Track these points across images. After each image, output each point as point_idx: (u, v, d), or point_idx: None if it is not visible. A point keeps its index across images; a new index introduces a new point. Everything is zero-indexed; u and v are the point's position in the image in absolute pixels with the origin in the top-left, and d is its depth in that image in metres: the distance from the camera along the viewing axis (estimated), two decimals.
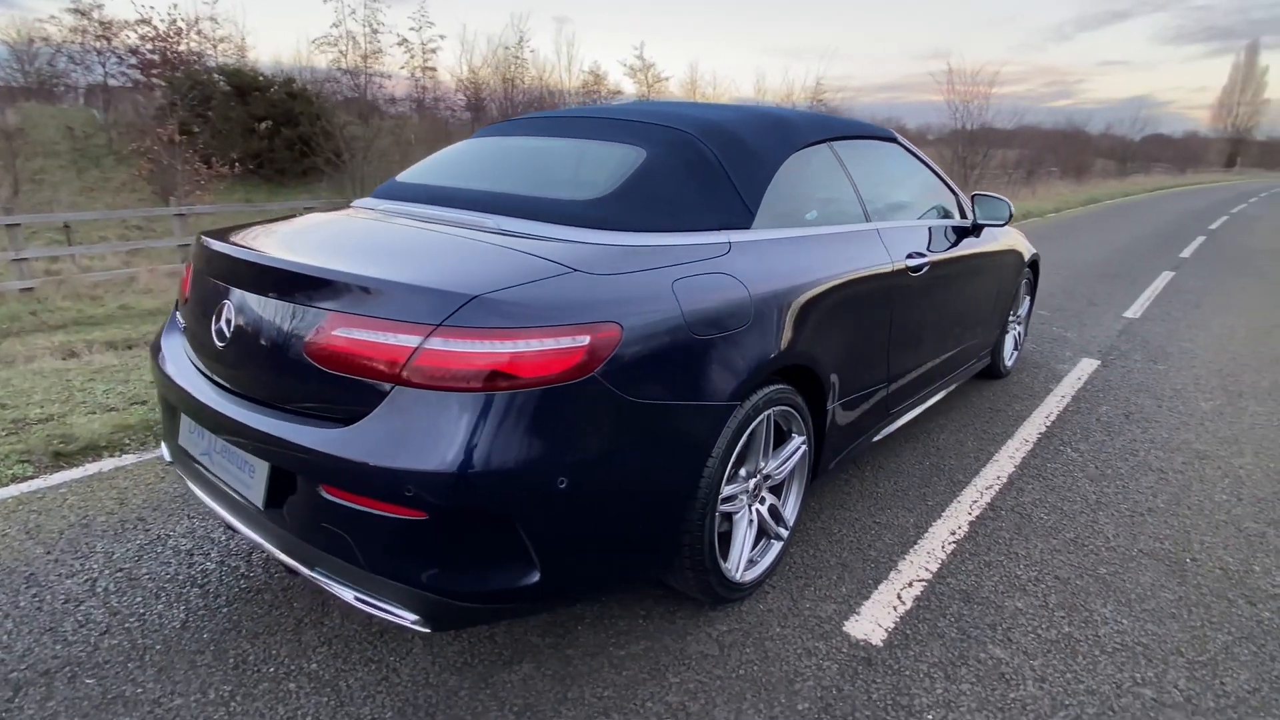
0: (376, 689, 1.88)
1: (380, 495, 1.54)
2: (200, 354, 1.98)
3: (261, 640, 2.04)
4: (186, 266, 2.17)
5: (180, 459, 2.11)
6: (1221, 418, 4.03)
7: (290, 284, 1.70)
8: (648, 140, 2.27)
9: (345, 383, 1.60)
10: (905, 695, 1.92)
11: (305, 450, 1.60)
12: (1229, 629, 2.23)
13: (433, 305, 1.55)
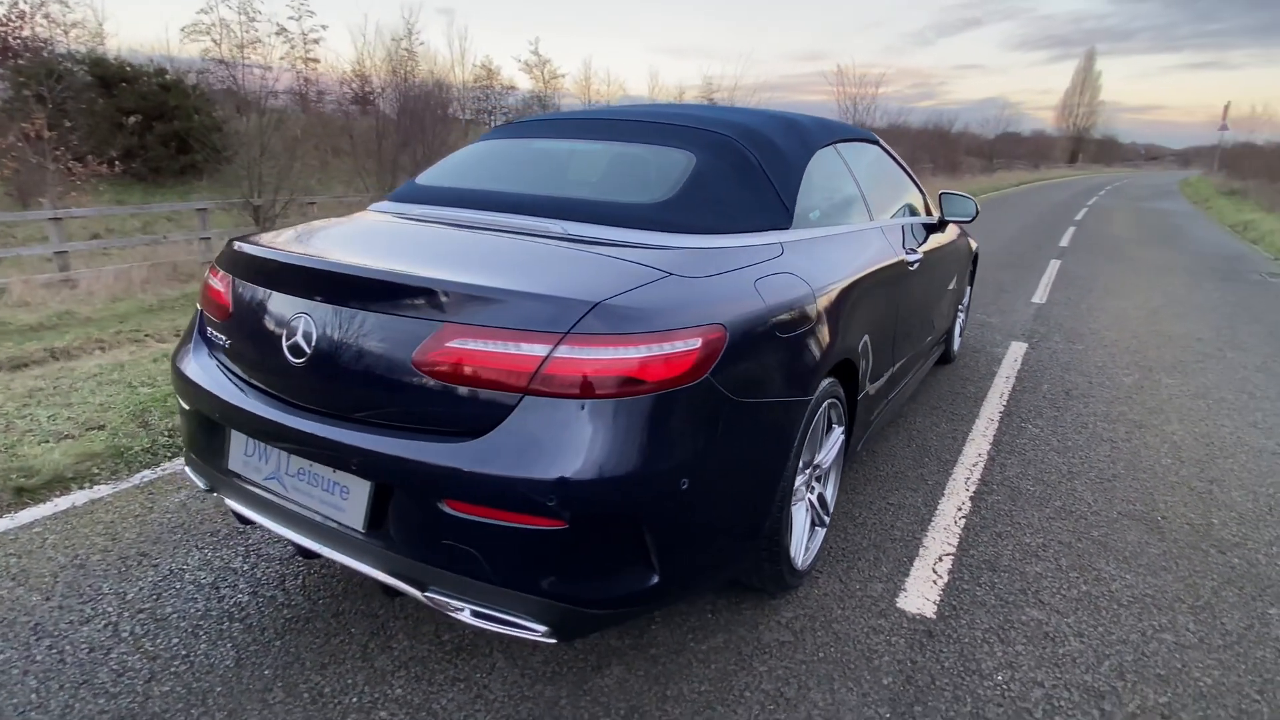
0: (473, 707, 1.83)
1: (517, 507, 1.50)
2: (260, 371, 1.84)
3: (332, 671, 1.94)
4: (219, 279, 2.00)
5: (227, 484, 1.96)
6: (1143, 391, 4.51)
7: (393, 295, 1.62)
8: (692, 144, 2.31)
9: (463, 395, 1.55)
10: (972, 661, 2.06)
11: (427, 466, 1.54)
12: (1212, 576, 2.53)
13: (556, 313, 1.53)
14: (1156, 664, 2.08)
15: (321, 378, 1.70)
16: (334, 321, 1.68)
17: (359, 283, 1.67)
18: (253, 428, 1.82)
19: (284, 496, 1.81)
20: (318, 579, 2.31)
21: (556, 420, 1.51)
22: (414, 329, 1.59)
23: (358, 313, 1.66)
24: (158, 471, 2.97)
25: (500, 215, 2.17)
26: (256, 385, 1.85)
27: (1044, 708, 1.90)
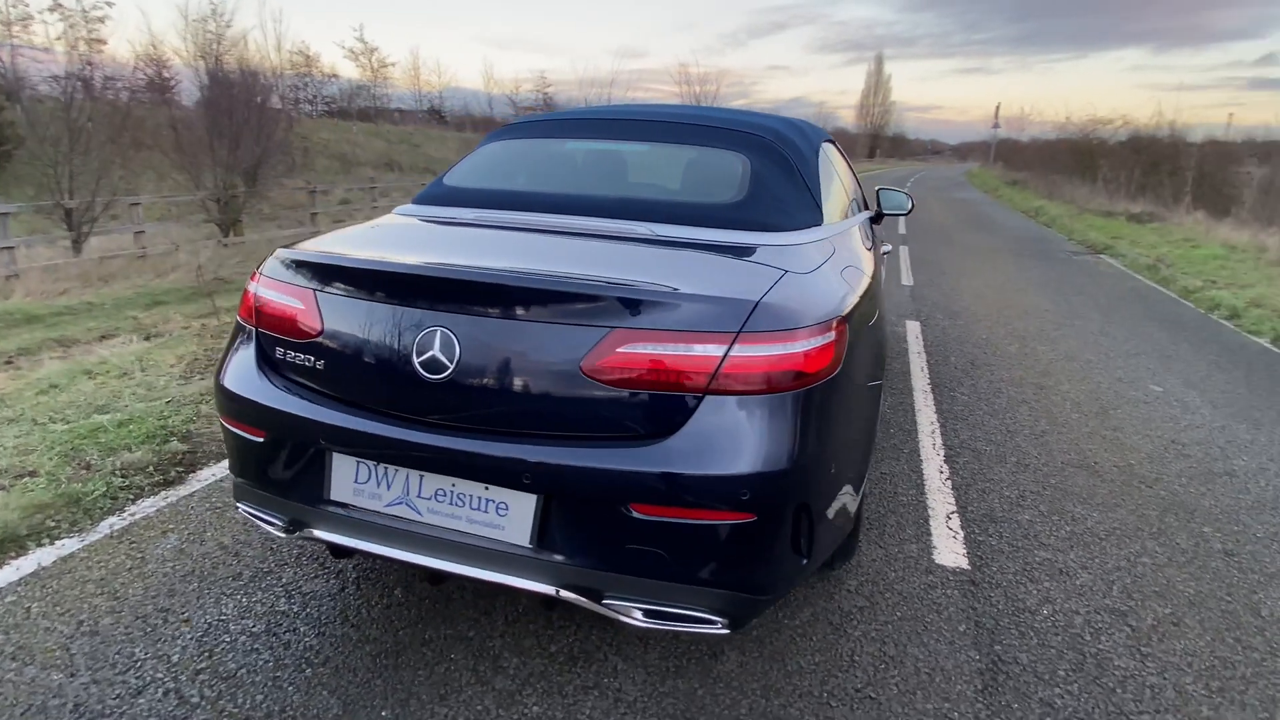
0: (616, 710, 1.82)
1: (710, 504, 1.53)
2: (377, 390, 1.69)
3: (455, 700, 1.84)
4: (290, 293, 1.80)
5: (324, 516, 1.78)
6: (1028, 358, 5.21)
7: (551, 302, 1.57)
8: (737, 145, 2.40)
9: (641, 399, 1.55)
10: (1018, 600, 2.35)
11: (613, 472, 1.52)
12: (1152, 506, 3.04)
13: (725, 313, 1.57)
14: (1149, 583, 2.48)
15: (468, 393, 1.61)
16: (480, 333, 1.60)
17: (510, 291, 1.60)
18: (374, 451, 1.69)
19: (416, 521, 1.69)
20: (381, 609, 2.16)
21: (742, 416, 1.55)
22: (577, 336, 1.56)
23: (510, 322, 1.59)
24: (126, 517, 2.60)
25: (576, 218, 2.13)
26: (370, 406, 1.71)
27: (1089, 631, 2.21)
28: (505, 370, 1.59)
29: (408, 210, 2.37)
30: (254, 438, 1.85)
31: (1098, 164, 21.93)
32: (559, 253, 1.91)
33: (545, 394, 1.58)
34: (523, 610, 2.17)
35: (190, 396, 3.61)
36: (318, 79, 35.25)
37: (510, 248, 1.97)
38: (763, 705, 1.87)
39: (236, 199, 12.27)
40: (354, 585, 2.27)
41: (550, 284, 1.59)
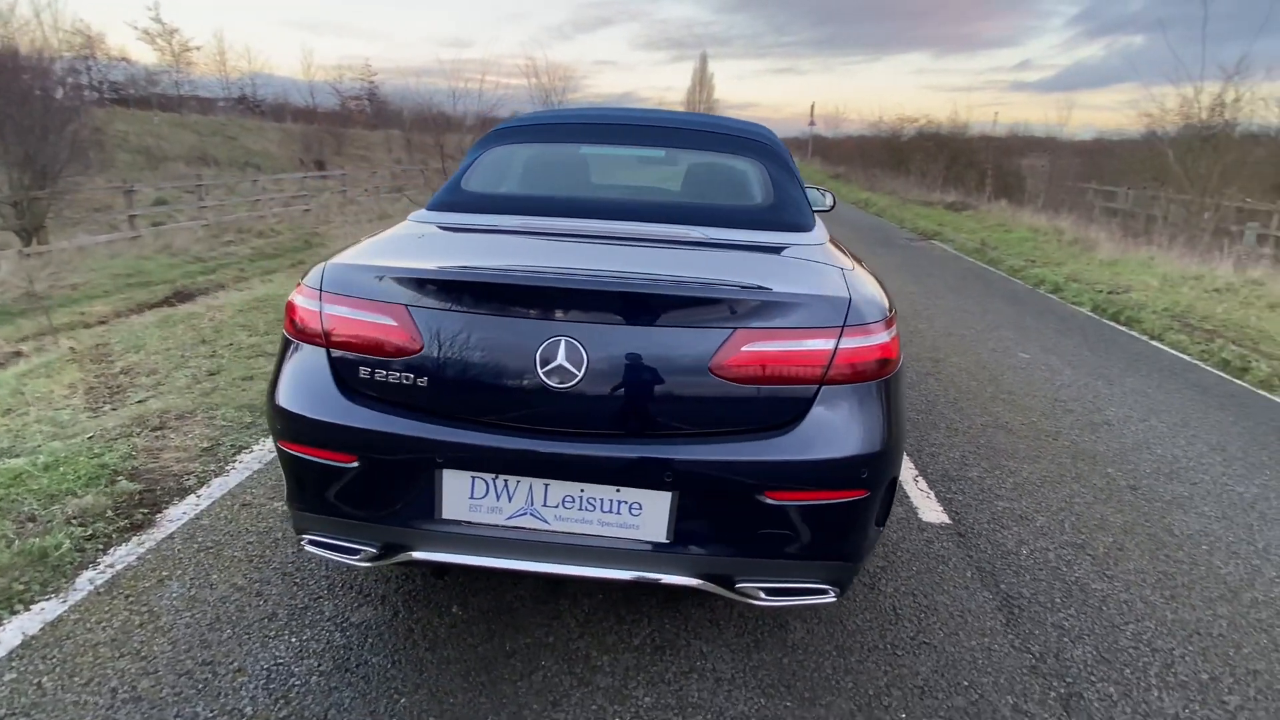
0: (718, 688, 1.93)
1: (835, 485, 1.68)
2: (493, 402, 1.66)
3: (567, 705, 1.86)
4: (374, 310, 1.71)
5: (431, 538, 1.73)
6: (915, 334, 5.84)
7: (677, 307, 1.64)
8: (747, 150, 2.56)
9: (766, 394, 1.66)
10: (1000, 546, 2.72)
11: (749, 464, 1.63)
12: (1063, 455, 3.59)
13: (830, 310, 1.72)
14: (1091, 518, 2.96)
15: (598, 399, 1.64)
16: (608, 340, 1.64)
17: (639, 297, 1.64)
18: (495, 465, 1.67)
19: (543, 530, 1.69)
20: (446, 629, 2.10)
21: (854, 403, 1.71)
22: (703, 337, 1.65)
23: (637, 328, 1.64)
24: (104, 570, 2.30)
25: (618, 223, 2.17)
26: (488, 420, 1.68)
27: (1062, 563, 2.62)
28: (635, 375, 1.64)
29: (427, 217, 2.29)
30: (339, 463, 1.74)
31: (910, 159, 24.45)
32: (637, 258, 1.96)
33: (676, 395, 1.65)
34: (590, 609, 2.21)
35: (115, 430, 3.20)
36: (103, 63, 31.04)
37: (583, 254, 1.99)
38: (843, 663, 2.05)
39: (39, 202, 10.63)
40: (405, 609, 2.18)
41: (677, 289, 1.66)
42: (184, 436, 3.19)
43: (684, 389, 1.65)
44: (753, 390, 1.66)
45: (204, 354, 4.33)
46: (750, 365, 1.65)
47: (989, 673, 2.05)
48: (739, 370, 1.65)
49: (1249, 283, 7.49)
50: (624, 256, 1.99)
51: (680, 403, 1.66)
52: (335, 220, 17.35)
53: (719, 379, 1.65)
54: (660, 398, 1.66)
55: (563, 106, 3.40)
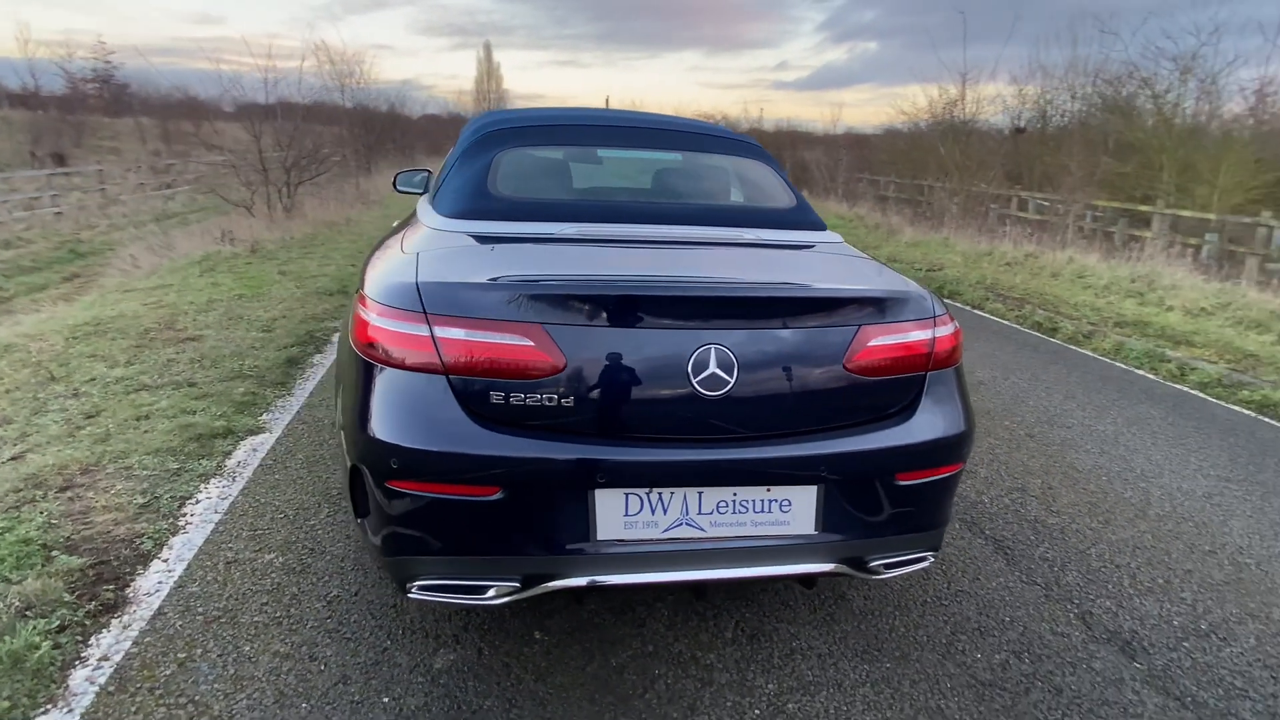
0: (824, 662, 2.06)
1: (947, 460, 1.86)
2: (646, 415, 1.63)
3: (705, 708, 1.88)
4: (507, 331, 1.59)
5: (582, 562, 1.66)
6: None
7: (816, 309, 1.72)
8: (751, 153, 2.67)
9: (889, 383, 1.81)
10: (966, 497, 3.11)
11: (886, 451, 1.75)
12: None
13: (921, 303, 1.90)
14: (1016, 465, 3.47)
15: (748, 404, 1.68)
16: (754, 345, 1.68)
17: (782, 302, 1.70)
18: (650, 479, 1.64)
19: (699, 538, 1.70)
20: (543, 657, 2.02)
21: (951, 386, 1.91)
22: (836, 336, 1.75)
23: (779, 332, 1.70)
24: (99, 667, 1.89)
25: (672, 227, 2.19)
26: (640, 434, 1.65)
27: (1019, 506, 3.06)
28: (779, 376, 1.70)
29: (455, 225, 2.14)
30: (478, 498, 1.62)
31: None
32: (720, 261, 2.01)
33: (817, 392, 1.74)
34: (669, 613, 2.23)
35: (8, 497, 2.60)
36: None
37: (668, 261, 1.99)
38: (908, 619, 2.27)
39: None
40: (486, 645, 2.06)
41: (813, 292, 1.74)
42: (105, 495, 2.68)
43: (823, 385, 1.75)
44: (880, 381, 1.80)
45: (62, 393, 3.61)
46: (877, 358, 1.78)
47: (1019, 607, 2.37)
48: (868, 364, 1.77)
49: (1028, 256, 9.01)
50: (706, 260, 2.02)
51: (821, 399, 1.75)
52: (100, 224, 14.89)
53: (851, 374, 1.76)
54: (803, 396, 1.73)
55: (534, 107, 3.18)
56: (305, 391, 3.91)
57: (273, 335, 4.74)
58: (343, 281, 6.41)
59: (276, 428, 3.43)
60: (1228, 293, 6.68)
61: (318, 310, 5.46)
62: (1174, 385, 4.93)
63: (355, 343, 1.77)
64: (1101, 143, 16.77)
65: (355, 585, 2.28)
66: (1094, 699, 1.98)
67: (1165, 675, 2.09)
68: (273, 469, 3.02)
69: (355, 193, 12.33)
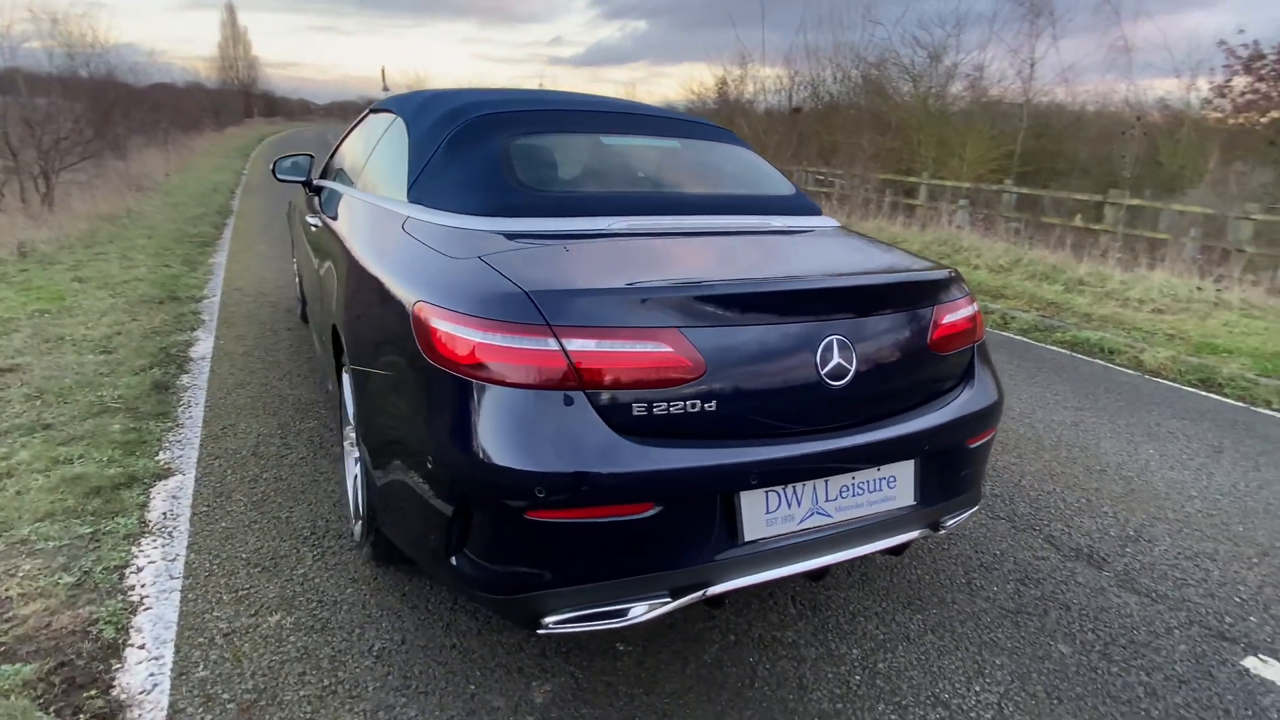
0: (906, 633, 2.22)
1: (995, 422, 2.06)
2: (783, 411, 1.63)
3: (848, 710, 1.95)
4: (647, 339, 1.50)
5: (728, 566, 1.63)
6: None
7: (906, 295, 1.81)
8: (732, 140, 2.70)
9: (955, 357, 1.97)
10: None
11: (963, 419, 1.91)
12: None
13: (960, 283, 2.08)
14: None
15: (862, 390, 1.75)
16: (862, 333, 1.75)
17: (884, 290, 1.78)
18: (789, 475, 1.65)
19: (828, 525, 1.74)
20: (633, 666, 1.97)
21: (985, 355, 2.12)
22: (920, 319, 1.88)
23: (881, 319, 1.78)
24: None
25: (701, 217, 2.17)
26: (778, 431, 1.64)
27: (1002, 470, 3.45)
28: (886, 360, 1.79)
29: (491, 224, 1.96)
30: (632, 516, 1.53)
31: None
32: (785, 253, 2.04)
33: (912, 371, 1.86)
34: (738, 604, 2.25)
35: None
36: None
37: (735, 253, 1.98)
38: (930, 565, 2.50)
39: None
40: (576, 668, 1.95)
41: (903, 279, 1.84)
42: (15, 581, 2.11)
43: (916, 365, 1.86)
44: (950, 355, 1.96)
45: None
46: (948, 334, 1.94)
47: (999, 540, 2.71)
48: (943, 340, 1.92)
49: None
50: (771, 252, 2.05)
51: (914, 377, 1.87)
52: None
53: (933, 351, 1.90)
54: (902, 376, 1.84)
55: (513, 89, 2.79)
56: (196, 420, 3.33)
57: (117, 357, 3.95)
58: (168, 288, 5.47)
59: (186, 467, 2.90)
60: (1014, 251, 7.93)
61: (156, 323, 4.62)
62: (1003, 333, 5.79)
63: (446, 363, 1.57)
64: (870, 121, 18.92)
65: (396, 633, 2.04)
66: (1094, 609, 2.33)
67: (1128, 577, 2.52)
68: (214, 516, 2.56)
69: (122, 180, 10.46)
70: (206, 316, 4.92)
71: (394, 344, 1.79)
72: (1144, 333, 5.53)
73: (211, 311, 5.05)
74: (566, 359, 1.50)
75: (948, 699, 1.93)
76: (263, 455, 3.04)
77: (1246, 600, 2.42)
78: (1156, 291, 6.32)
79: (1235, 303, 5.97)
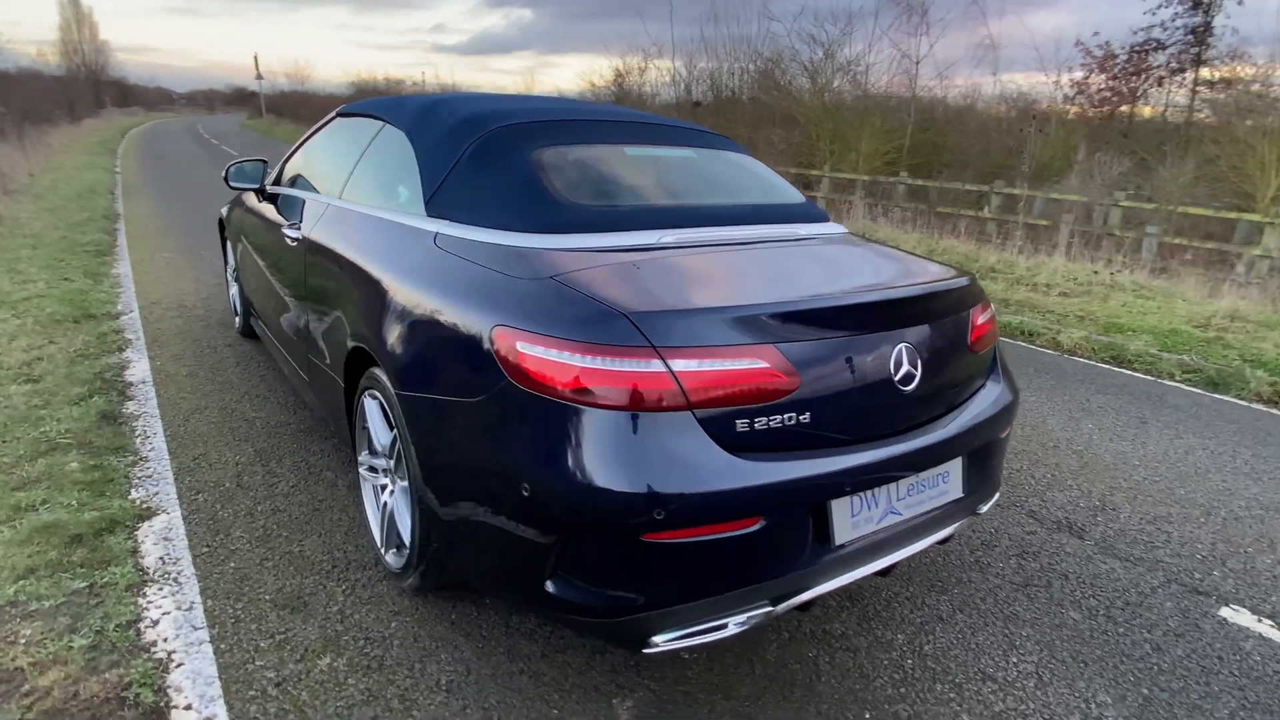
0: (972, 622, 2.37)
1: (1017, 412, 2.23)
2: (866, 419, 1.71)
3: (919, 686, 2.06)
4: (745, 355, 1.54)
5: (819, 572, 1.69)
6: None
7: (951, 301, 1.93)
8: (734, 147, 2.75)
9: (986, 354, 2.11)
10: None
11: (1000, 412, 2.06)
12: None
13: (979, 286, 2.22)
14: None
15: (925, 393, 1.85)
16: (923, 340, 1.85)
17: (940, 297, 1.89)
18: (872, 479, 1.74)
19: (899, 523, 1.84)
20: (701, 672, 2.01)
21: (1001, 355, 2.28)
22: (962, 322, 2.00)
23: (935, 325, 1.89)
24: None
25: (725, 229, 2.21)
26: (859, 437, 1.72)
27: None
28: (940, 363, 1.91)
29: (543, 241, 1.93)
30: (740, 531, 1.57)
31: None
32: (828, 264, 2.11)
33: (959, 372, 1.99)
34: None
35: None
36: None
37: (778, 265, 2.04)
38: (941, 547, 2.67)
39: None
40: (650, 681, 1.97)
41: (950, 286, 1.95)
42: (20, 649, 1.89)
43: (962, 365, 1.99)
44: (982, 355, 2.10)
45: None
46: (981, 335, 2.08)
47: (990, 517, 2.92)
48: (978, 342, 2.06)
49: None
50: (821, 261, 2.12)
51: (961, 376, 2.00)
52: None
53: (973, 352, 2.03)
54: (953, 377, 1.96)
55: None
56: (160, 452, 3.07)
57: (47, 386, 3.57)
58: (79, 305, 4.96)
59: (168, 505, 2.67)
60: (928, 242, 8.44)
61: (79, 345, 4.20)
62: None
63: (543, 389, 1.55)
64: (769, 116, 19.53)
65: (458, 664, 1.99)
66: (1088, 576, 2.57)
67: (1107, 545, 2.78)
68: (217, 558, 2.38)
69: None
70: (131, 335, 4.51)
71: (465, 370, 1.74)
72: (1056, 315, 6.05)
73: (135, 329, 4.63)
74: (674, 380, 1.52)
75: (992, 672, 2.08)
76: (249, 486, 2.85)
77: (1206, 557, 2.74)
78: (1060, 276, 6.92)
79: (1128, 285, 6.63)
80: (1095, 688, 2.04)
